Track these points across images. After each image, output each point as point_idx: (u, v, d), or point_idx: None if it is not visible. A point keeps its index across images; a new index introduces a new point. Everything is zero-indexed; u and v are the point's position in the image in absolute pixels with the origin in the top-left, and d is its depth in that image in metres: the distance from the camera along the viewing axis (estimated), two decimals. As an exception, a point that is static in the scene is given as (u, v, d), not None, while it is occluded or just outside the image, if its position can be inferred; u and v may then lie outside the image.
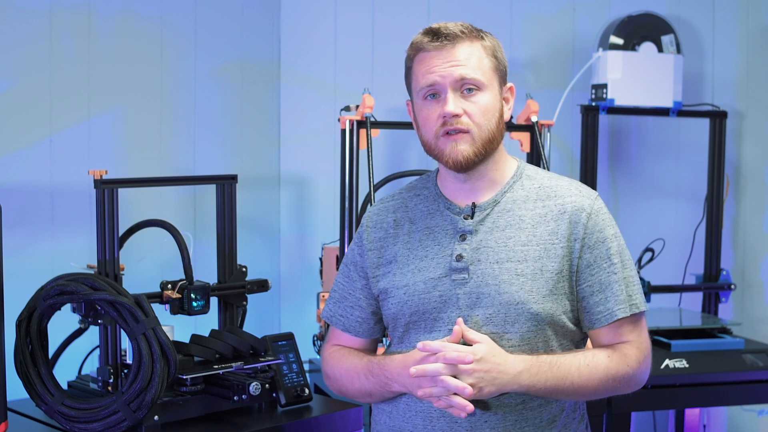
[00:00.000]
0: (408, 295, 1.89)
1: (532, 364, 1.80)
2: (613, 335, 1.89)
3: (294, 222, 3.51)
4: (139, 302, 2.18)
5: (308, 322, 3.26)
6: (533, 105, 3.11)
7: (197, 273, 2.43)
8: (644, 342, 1.91)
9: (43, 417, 2.35)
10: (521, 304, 1.82)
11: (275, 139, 3.47)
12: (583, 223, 1.86)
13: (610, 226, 1.89)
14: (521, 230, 1.87)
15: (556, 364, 1.81)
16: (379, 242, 1.97)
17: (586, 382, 1.83)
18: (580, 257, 1.86)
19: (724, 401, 3.12)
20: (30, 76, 2.86)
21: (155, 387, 2.13)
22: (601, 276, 1.87)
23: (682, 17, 3.71)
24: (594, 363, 1.84)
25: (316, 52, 3.49)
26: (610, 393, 1.89)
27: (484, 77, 1.86)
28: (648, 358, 1.91)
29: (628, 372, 1.87)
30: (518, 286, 1.83)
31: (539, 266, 1.84)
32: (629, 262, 1.90)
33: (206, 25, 3.23)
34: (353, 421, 2.51)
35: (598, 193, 1.94)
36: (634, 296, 1.89)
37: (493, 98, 1.87)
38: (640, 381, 1.91)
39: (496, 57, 1.90)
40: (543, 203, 1.89)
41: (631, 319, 1.88)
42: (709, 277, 3.56)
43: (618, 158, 3.77)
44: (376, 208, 2.03)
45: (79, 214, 2.84)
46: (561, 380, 1.81)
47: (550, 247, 1.85)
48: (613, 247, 1.88)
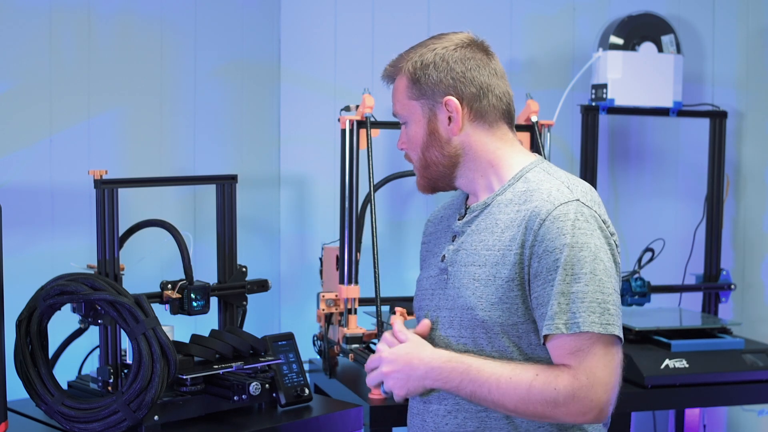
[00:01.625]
0: (418, 290, 1.99)
1: (444, 365, 1.79)
2: (555, 356, 1.74)
3: (294, 222, 3.50)
4: (139, 302, 2.18)
5: (308, 322, 3.26)
6: (533, 105, 3.11)
7: (197, 273, 2.43)
8: (587, 371, 1.70)
9: (43, 417, 2.34)
10: (470, 310, 1.81)
11: (275, 139, 3.47)
12: (534, 229, 1.75)
13: (566, 235, 1.72)
14: (492, 234, 1.82)
15: (476, 369, 1.76)
16: (429, 236, 2.05)
17: (504, 395, 1.74)
18: (529, 265, 1.76)
19: (724, 401, 3.11)
20: (30, 76, 2.86)
21: (155, 387, 2.13)
22: (546, 288, 1.73)
23: (682, 17, 3.71)
24: (518, 378, 1.73)
25: (316, 52, 3.49)
26: (541, 417, 1.74)
27: (403, 110, 1.91)
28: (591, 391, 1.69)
29: (554, 397, 1.70)
30: (471, 290, 1.81)
31: (494, 272, 1.79)
32: (585, 277, 1.71)
33: (206, 25, 3.23)
34: (353, 421, 2.51)
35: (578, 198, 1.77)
36: (579, 314, 1.69)
37: (416, 126, 1.89)
38: (575, 414, 1.71)
39: (418, 80, 1.87)
40: (518, 207, 1.81)
41: (572, 340, 1.70)
42: (709, 277, 3.56)
43: (618, 158, 3.77)
44: (441, 205, 2.09)
45: (79, 214, 2.84)
46: (478, 387, 1.76)
47: (507, 253, 1.78)
48: (561, 258, 1.71)
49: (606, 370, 1.71)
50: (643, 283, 3.37)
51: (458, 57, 1.85)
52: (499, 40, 3.57)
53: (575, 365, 1.71)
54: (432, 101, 1.86)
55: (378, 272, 2.76)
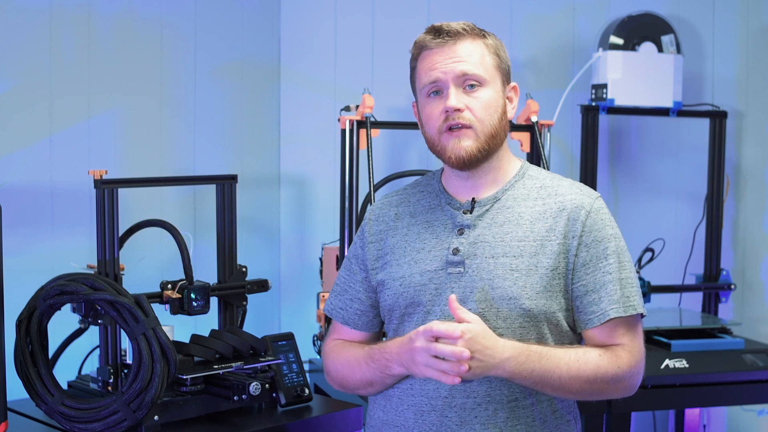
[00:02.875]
0: (404, 286, 1.91)
1: (521, 352, 1.78)
2: (606, 337, 1.86)
3: (294, 222, 3.51)
4: (139, 302, 2.18)
5: (308, 322, 3.26)
6: (533, 105, 3.11)
7: (197, 273, 2.43)
8: (637, 347, 1.87)
9: (43, 417, 2.35)
10: (514, 299, 1.82)
11: (275, 139, 3.47)
12: (581, 220, 1.86)
13: (610, 226, 1.88)
14: (519, 226, 1.87)
15: (546, 355, 1.80)
16: (379, 235, 1.99)
17: (573, 378, 1.80)
18: (576, 255, 1.85)
19: (724, 401, 3.11)
20: (30, 76, 2.86)
21: (155, 387, 2.13)
22: (597, 275, 1.85)
23: (682, 17, 3.71)
24: (584, 360, 1.81)
25: (316, 52, 3.49)
26: (597, 394, 1.86)
27: (486, 73, 1.88)
28: (640, 364, 1.87)
29: (618, 374, 1.83)
30: (512, 281, 1.83)
31: (534, 262, 1.84)
32: (628, 264, 1.88)
33: (206, 25, 3.23)
34: (353, 421, 2.51)
35: (599, 194, 1.93)
36: (632, 298, 1.85)
37: (496, 94, 1.89)
38: (629, 386, 1.88)
39: (499, 55, 1.92)
40: (543, 201, 1.89)
41: (626, 321, 1.85)
42: (709, 277, 3.56)
43: (618, 158, 3.77)
44: (380, 202, 2.05)
45: (79, 214, 2.84)
46: (548, 372, 1.79)
47: (546, 243, 1.85)
48: (611, 247, 1.86)
49: (643, 346, 1.90)
50: (643, 283, 3.37)
51: None
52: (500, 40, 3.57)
53: (628, 344, 1.86)
54: (506, 81, 1.93)
55: (378, 272, 2.76)
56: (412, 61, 1.94)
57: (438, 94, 1.88)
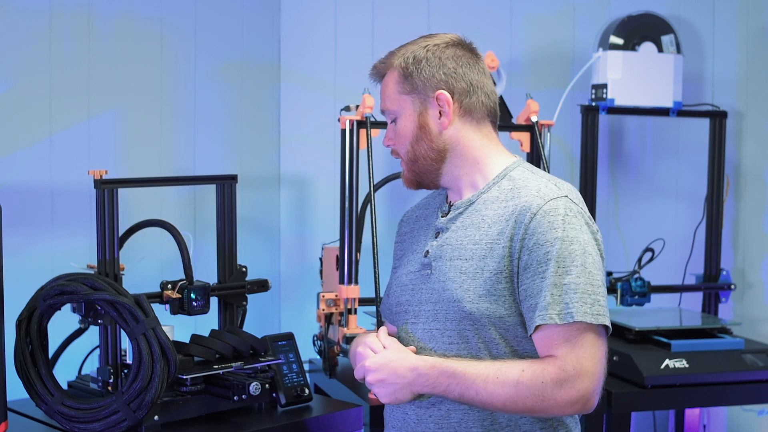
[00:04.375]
0: (395, 286, 2.00)
1: (429, 371, 1.81)
2: (543, 347, 1.77)
3: (294, 222, 3.51)
4: (139, 302, 2.18)
5: (308, 322, 3.26)
6: (533, 105, 3.11)
7: (197, 273, 2.43)
8: (573, 360, 1.73)
9: (43, 417, 2.34)
10: (456, 302, 1.83)
11: (275, 139, 3.47)
12: (525, 223, 1.78)
13: (557, 229, 1.76)
14: (479, 229, 1.86)
15: (461, 372, 1.78)
16: (403, 236, 2.07)
17: (492, 394, 1.76)
18: (519, 258, 1.78)
19: (724, 401, 3.11)
20: (30, 76, 2.86)
21: (155, 387, 2.13)
22: (535, 280, 1.76)
23: (682, 17, 3.71)
24: (504, 376, 1.75)
25: (316, 52, 3.49)
26: (530, 411, 1.77)
27: (393, 105, 1.93)
28: (577, 380, 1.72)
29: (542, 390, 1.73)
30: (458, 283, 1.84)
31: (481, 265, 1.82)
32: (576, 269, 1.74)
33: (206, 25, 3.23)
34: (353, 421, 2.51)
35: (566, 195, 1.82)
36: (572, 305, 1.72)
37: (405, 121, 1.91)
38: (563, 405, 1.74)
39: (410, 74, 1.89)
40: (506, 204, 1.85)
41: (563, 330, 1.73)
42: (709, 277, 3.56)
43: (618, 158, 3.77)
44: (414, 205, 2.12)
45: (79, 214, 2.84)
46: (466, 389, 1.78)
47: (495, 246, 1.81)
48: (552, 251, 1.75)
49: (592, 361, 1.74)
50: (643, 283, 3.37)
51: (450, 54, 1.89)
52: (499, 40, 3.58)
53: (563, 356, 1.74)
54: (423, 95, 1.89)
55: (378, 272, 2.76)
56: None
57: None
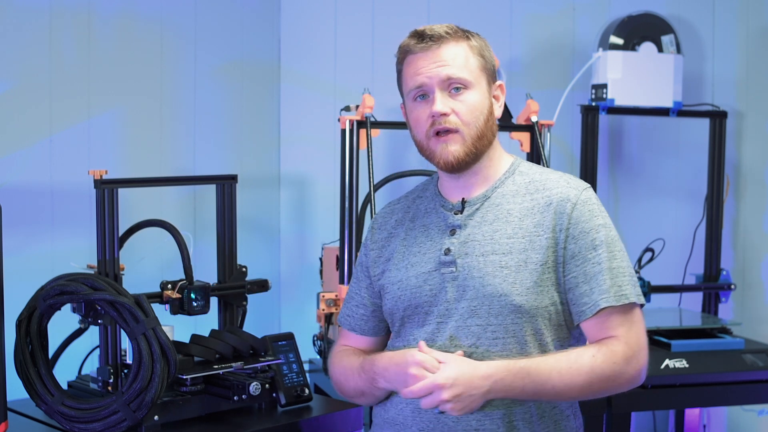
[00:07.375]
0: (401, 290, 1.94)
1: (505, 375, 1.79)
2: (600, 329, 1.84)
3: (294, 222, 3.51)
4: (139, 302, 2.18)
5: (308, 322, 3.26)
6: (533, 105, 3.11)
7: (197, 273, 2.43)
8: (634, 337, 1.84)
9: (43, 417, 2.35)
10: (504, 296, 1.83)
11: (275, 139, 3.47)
12: (567, 213, 1.86)
13: (598, 216, 1.87)
14: (508, 223, 1.88)
15: (535, 370, 1.79)
16: (381, 242, 2.03)
17: (569, 385, 1.80)
18: (565, 248, 1.85)
19: (724, 401, 3.12)
20: (30, 76, 2.86)
21: (155, 387, 2.13)
22: (586, 267, 1.84)
23: (682, 17, 3.71)
24: (578, 365, 1.80)
25: (316, 52, 3.49)
26: (600, 393, 1.85)
27: (470, 76, 1.88)
28: (639, 354, 1.84)
29: (615, 370, 1.81)
30: (501, 278, 1.84)
31: (524, 258, 1.84)
32: (620, 253, 1.86)
33: (206, 25, 3.23)
34: (353, 421, 2.51)
35: (589, 185, 1.92)
36: (624, 287, 1.84)
37: (481, 96, 1.90)
38: (631, 379, 1.84)
39: (483, 56, 1.92)
40: (531, 197, 1.90)
41: (620, 311, 1.84)
42: (709, 277, 3.56)
43: (618, 158, 3.77)
44: (383, 210, 2.08)
45: (79, 214, 2.84)
46: (541, 386, 1.79)
47: (535, 238, 1.85)
48: (599, 237, 1.85)
49: (644, 336, 1.87)
50: (643, 283, 3.37)
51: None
52: (499, 40, 3.57)
53: (624, 334, 1.83)
54: (492, 79, 1.94)
55: (378, 272, 2.76)
56: (397, 65, 1.96)
57: (424, 98, 1.90)
